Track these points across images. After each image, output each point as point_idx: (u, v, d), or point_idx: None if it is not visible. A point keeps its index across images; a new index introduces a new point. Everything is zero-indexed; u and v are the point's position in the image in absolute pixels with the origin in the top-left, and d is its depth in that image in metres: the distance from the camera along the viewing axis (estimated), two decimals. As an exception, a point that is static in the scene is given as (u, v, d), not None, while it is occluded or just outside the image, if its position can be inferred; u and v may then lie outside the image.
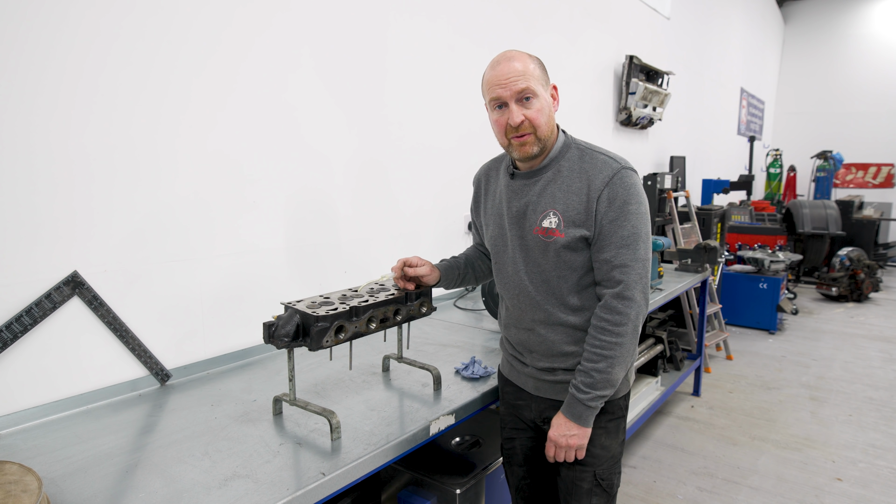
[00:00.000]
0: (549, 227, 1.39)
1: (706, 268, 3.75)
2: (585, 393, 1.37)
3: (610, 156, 1.39)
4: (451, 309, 2.84)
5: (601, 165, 1.37)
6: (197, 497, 1.17)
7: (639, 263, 1.35)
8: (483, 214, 1.63)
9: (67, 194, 1.58)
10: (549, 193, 1.41)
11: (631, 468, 3.01)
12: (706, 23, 7.10)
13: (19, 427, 1.51)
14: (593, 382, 1.36)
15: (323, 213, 2.33)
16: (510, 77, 1.34)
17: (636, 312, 1.35)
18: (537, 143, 1.39)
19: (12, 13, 1.44)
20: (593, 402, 1.37)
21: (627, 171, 1.36)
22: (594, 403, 1.38)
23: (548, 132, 1.39)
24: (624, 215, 1.34)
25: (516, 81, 1.33)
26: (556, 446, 1.43)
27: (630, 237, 1.34)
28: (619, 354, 1.36)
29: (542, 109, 1.37)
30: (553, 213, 1.39)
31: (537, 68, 1.38)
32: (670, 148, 6.16)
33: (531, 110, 1.35)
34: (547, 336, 1.47)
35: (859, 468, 3.02)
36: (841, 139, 10.72)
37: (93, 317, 1.66)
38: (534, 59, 1.39)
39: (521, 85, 1.33)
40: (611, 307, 1.35)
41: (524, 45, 3.55)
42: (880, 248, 8.57)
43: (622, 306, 1.34)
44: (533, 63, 1.37)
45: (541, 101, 1.36)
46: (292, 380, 1.48)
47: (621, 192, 1.34)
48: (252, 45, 2.00)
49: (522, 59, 1.36)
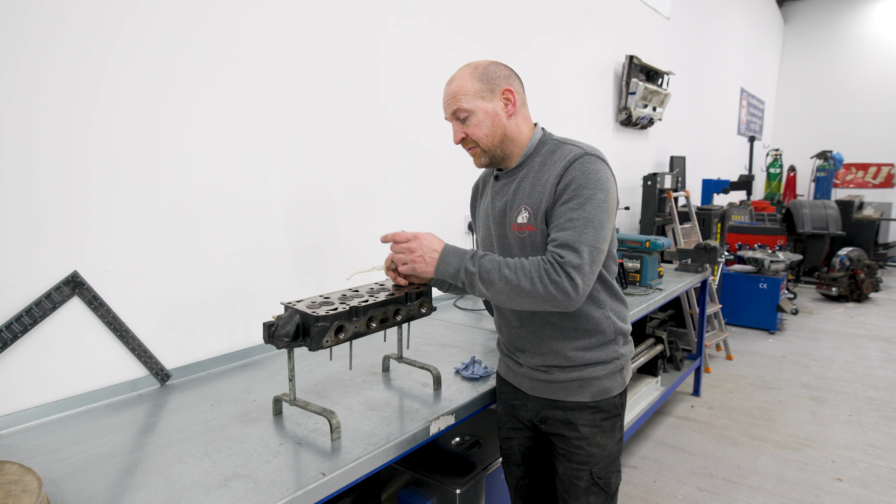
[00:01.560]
0: (522, 223, 1.41)
1: (706, 268, 3.75)
2: (472, 261, 1.33)
3: (578, 145, 1.39)
4: (451, 309, 2.84)
5: (566, 153, 1.37)
6: (197, 497, 1.17)
7: (584, 247, 1.26)
8: (477, 217, 1.67)
9: (68, 194, 1.58)
10: (522, 189, 1.43)
11: (631, 468, 3.01)
12: (706, 23, 7.10)
13: (19, 427, 1.51)
14: (485, 267, 1.30)
15: (323, 214, 2.33)
16: (445, 101, 1.44)
17: (562, 291, 1.24)
18: (484, 155, 1.45)
19: (14, 13, 1.44)
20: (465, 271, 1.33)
21: (590, 157, 1.34)
22: (462, 271, 1.33)
23: (493, 143, 1.42)
24: (577, 197, 1.30)
25: (449, 105, 1.42)
26: (396, 241, 1.41)
27: (579, 220, 1.28)
28: (511, 288, 1.27)
29: (480, 124, 1.40)
30: (525, 208, 1.41)
31: (476, 82, 1.39)
32: (670, 148, 6.16)
33: (469, 127, 1.41)
34: (535, 332, 1.48)
35: (859, 468, 3.02)
36: (841, 139, 10.72)
37: (93, 317, 1.66)
38: (478, 70, 1.40)
39: (453, 107, 1.41)
40: (553, 262, 1.26)
41: (524, 45, 3.56)
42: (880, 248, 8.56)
43: (557, 275, 1.24)
44: (472, 78, 1.39)
45: (477, 117, 1.40)
46: (292, 380, 1.48)
47: (579, 175, 1.31)
48: (256, 48, 2.00)
49: (460, 77, 1.41)
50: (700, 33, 6.89)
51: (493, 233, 1.52)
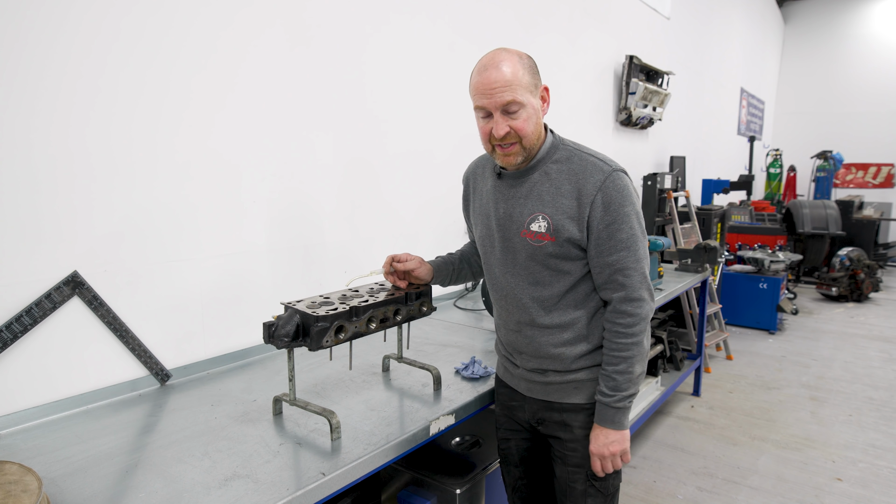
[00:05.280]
0: (539, 232, 1.38)
1: (706, 268, 3.75)
2: (611, 396, 1.38)
3: (600, 158, 1.37)
4: (451, 309, 2.84)
5: (591, 169, 1.35)
6: (197, 497, 1.17)
7: (640, 264, 1.37)
8: (472, 213, 1.61)
9: (68, 194, 1.58)
10: (536, 195, 1.39)
11: (631, 468, 3.01)
12: (706, 23, 7.10)
13: (19, 427, 1.51)
14: (617, 385, 1.38)
15: (323, 214, 2.33)
16: (495, 88, 1.27)
17: (646, 311, 1.38)
18: (522, 153, 1.36)
19: (13, 13, 1.44)
20: (621, 402, 1.38)
21: (618, 174, 1.35)
22: (622, 404, 1.39)
23: (534, 140, 1.36)
24: (620, 218, 1.33)
25: (502, 93, 1.27)
26: (601, 458, 1.43)
27: (629, 240, 1.35)
28: (636, 353, 1.38)
29: (529, 118, 1.31)
30: (542, 217, 1.37)
31: (526, 73, 1.30)
32: (670, 148, 6.16)
33: (517, 121, 1.30)
34: (534, 337, 1.47)
35: (859, 468, 3.02)
36: (841, 139, 10.72)
37: (93, 317, 1.66)
38: (524, 60, 1.32)
39: (507, 97, 1.27)
40: (622, 311, 1.37)
41: (524, 45, 3.55)
42: (880, 248, 8.56)
43: (632, 308, 1.37)
44: (522, 68, 1.29)
45: (528, 111, 1.30)
46: (292, 380, 1.48)
47: (615, 195, 1.33)
48: (250, 47, 2.00)
49: (511, 64, 1.28)
50: (700, 33, 6.89)
51: (495, 234, 1.48)
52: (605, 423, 1.40)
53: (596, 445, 1.43)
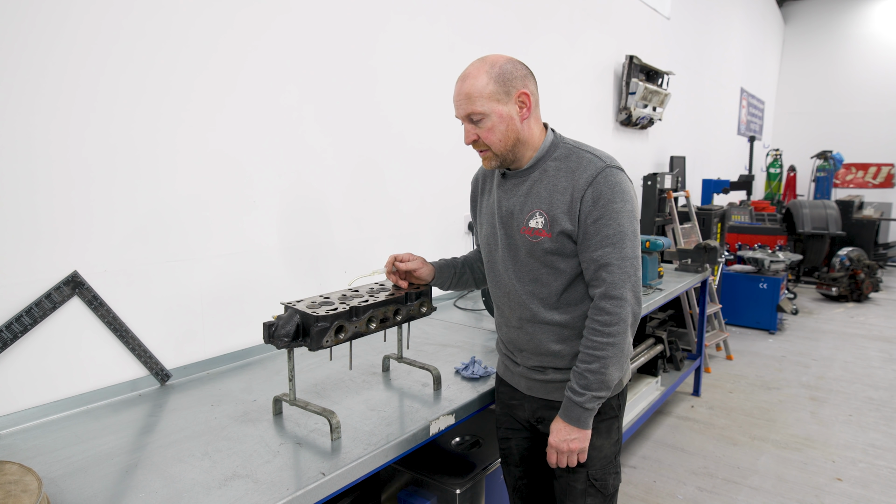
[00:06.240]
0: (536, 228, 1.39)
1: (706, 268, 3.75)
2: (580, 395, 1.37)
3: (596, 154, 1.38)
4: (451, 309, 2.84)
5: (585, 164, 1.36)
6: (197, 497, 1.17)
7: (626, 262, 1.34)
8: (479, 214, 1.64)
9: (67, 194, 1.58)
10: (535, 193, 1.41)
11: (631, 468, 3.01)
12: (706, 23, 7.10)
13: (19, 427, 1.51)
14: (587, 384, 1.36)
15: (323, 213, 2.33)
16: (458, 100, 1.37)
17: (626, 313, 1.34)
18: (495, 158, 1.41)
19: (13, 14, 1.44)
20: (589, 403, 1.37)
21: (612, 170, 1.35)
22: (590, 405, 1.37)
23: (504, 147, 1.38)
24: (608, 214, 1.33)
25: (463, 105, 1.36)
26: (558, 452, 1.43)
27: (615, 236, 1.33)
28: (611, 355, 1.34)
29: (494, 128, 1.35)
30: (539, 213, 1.39)
31: (491, 83, 1.32)
32: (670, 148, 6.16)
33: (482, 129, 1.36)
34: (534, 334, 1.47)
35: (859, 468, 3.02)
36: (841, 139, 10.72)
37: (93, 317, 1.66)
38: (494, 69, 1.33)
39: (467, 109, 1.35)
40: (601, 308, 1.35)
41: (525, 45, 3.56)
42: (880, 248, 8.56)
43: (611, 306, 1.34)
44: (487, 79, 1.32)
45: (491, 120, 1.34)
46: (292, 380, 1.48)
47: (605, 190, 1.33)
48: (252, 47, 2.00)
49: (475, 78, 1.33)
50: (700, 33, 6.89)
51: (498, 232, 1.50)
52: (570, 420, 1.39)
53: (556, 439, 1.42)
